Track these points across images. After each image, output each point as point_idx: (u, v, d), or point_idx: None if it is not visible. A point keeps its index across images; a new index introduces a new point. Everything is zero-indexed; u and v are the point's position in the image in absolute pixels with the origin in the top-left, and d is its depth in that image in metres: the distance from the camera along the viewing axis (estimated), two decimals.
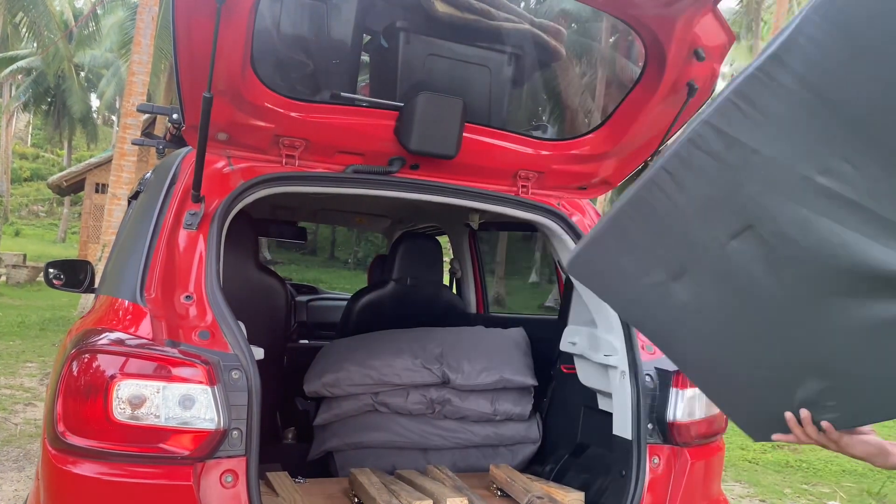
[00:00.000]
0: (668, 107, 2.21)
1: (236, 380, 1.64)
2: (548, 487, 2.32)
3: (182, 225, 1.95)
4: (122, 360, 1.57)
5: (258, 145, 2.15)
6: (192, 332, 1.71)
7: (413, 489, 2.21)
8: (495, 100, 2.44)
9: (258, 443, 1.65)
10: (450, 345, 2.87)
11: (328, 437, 2.80)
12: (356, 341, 2.95)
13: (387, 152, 2.25)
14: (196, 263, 1.88)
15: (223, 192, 2.03)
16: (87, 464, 1.56)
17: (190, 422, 1.57)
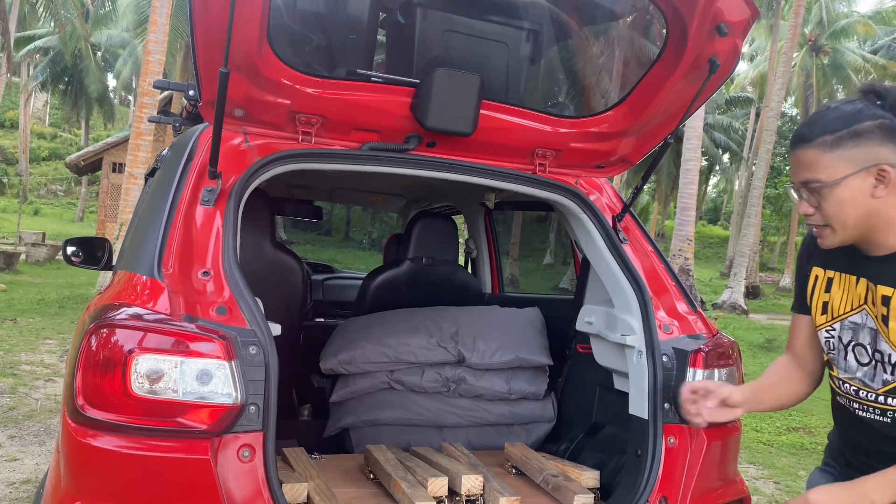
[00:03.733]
0: (689, 83, 2.17)
1: (254, 355, 1.65)
2: (563, 466, 2.32)
3: (199, 201, 1.95)
4: (140, 335, 1.58)
5: (274, 122, 2.15)
6: (209, 307, 1.71)
7: (428, 466, 2.22)
8: (513, 76, 2.41)
9: (275, 418, 1.66)
10: (465, 324, 2.87)
11: (344, 413, 2.82)
12: (372, 319, 2.96)
13: (403, 129, 2.23)
14: (213, 239, 1.88)
15: (240, 168, 2.03)
16: (106, 437, 1.57)
17: (207, 396, 1.58)
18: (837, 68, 31.46)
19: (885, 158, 1.45)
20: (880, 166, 1.45)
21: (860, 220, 1.49)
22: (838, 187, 1.48)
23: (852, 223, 1.49)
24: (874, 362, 1.55)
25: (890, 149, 1.46)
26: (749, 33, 2.12)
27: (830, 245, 1.56)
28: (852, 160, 1.46)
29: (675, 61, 2.10)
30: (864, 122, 1.47)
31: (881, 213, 1.48)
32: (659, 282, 2.33)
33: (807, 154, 1.51)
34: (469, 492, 2.05)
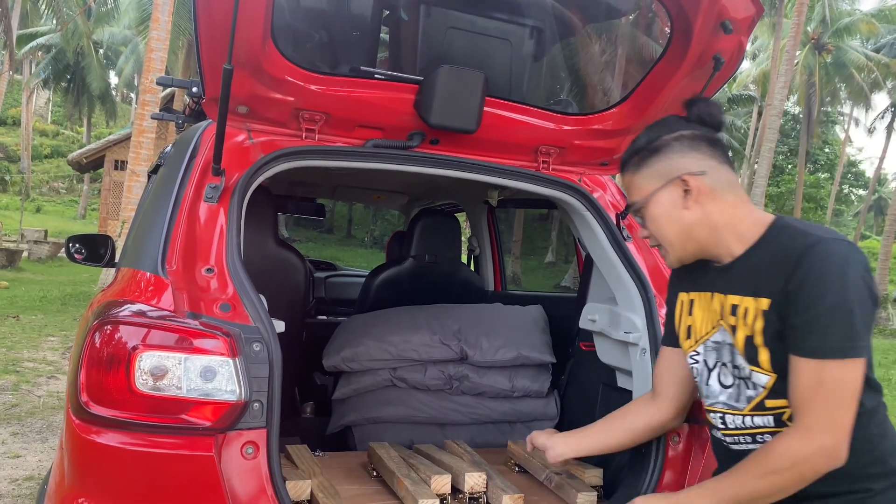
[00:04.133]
0: (693, 81, 2.17)
1: (257, 352, 1.65)
2: (566, 464, 2.32)
3: (203, 198, 1.95)
4: (143, 332, 1.58)
5: (278, 119, 2.14)
6: (213, 304, 1.71)
7: (431, 463, 2.22)
8: (516, 74, 2.41)
9: (279, 415, 1.66)
10: (468, 321, 2.87)
11: (347, 411, 2.82)
12: (375, 317, 2.96)
13: (406, 126, 2.23)
14: (217, 236, 1.88)
15: (243, 165, 2.03)
16: (110, 433, 1.57)
17: (211, 393, 1.58)
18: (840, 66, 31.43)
19: (685, 168, 1.46)
20: (682, 176, 1.45)
21: (682, 234, 1.48)
22: (650, 205, 1.50)
23: (676, 238, 1.50)
24: (737, 381, 1.49)
25: (691, 158, 1.47)
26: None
27: (672, 264, 1.56)
28: (656, 176, 1.49)
29: (679, 58, 2.09)
30: (662, 137, 1.50)
31: (704, 223, 1.47)
32: (663, 279, 2.32)
33: (625, 178, 1.57)
34: (472, 489, 2.05)
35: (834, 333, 1.30)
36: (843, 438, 1.32)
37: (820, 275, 1.30)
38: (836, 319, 1.29)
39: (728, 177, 1.49)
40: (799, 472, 1.34)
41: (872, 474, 1.37)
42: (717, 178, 1.47)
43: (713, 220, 1.46)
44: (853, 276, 1.30)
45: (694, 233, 1.48)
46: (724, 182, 1.47)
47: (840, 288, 1.29)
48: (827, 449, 1.32)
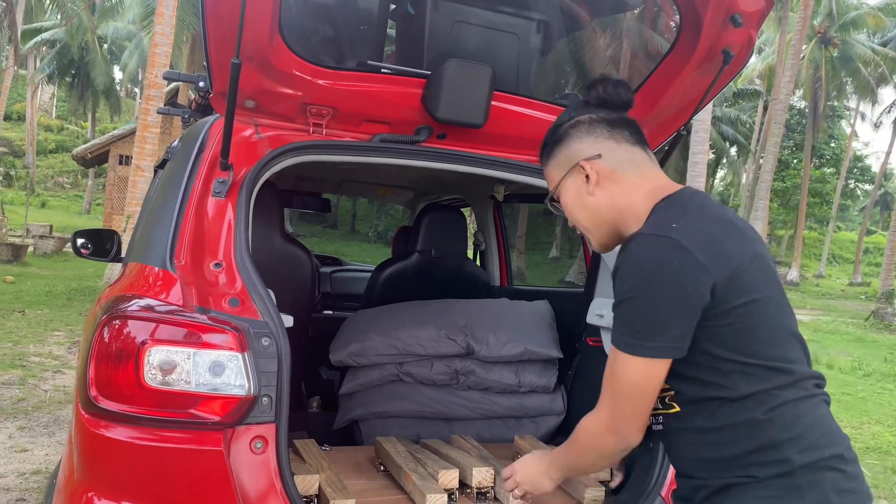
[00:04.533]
0: (702, 75, 2.16)
1: (266, 347, 1.65)
2: None
3: (210, 193, 1.94)
4: (152, 326, 1.58)
5: (285, 113, 2.14)
6: (221, 299, 1.71)
7: (439, 458, 2.22)
8: (523, 68, 2.40)
9: (288, 410, 1.66)
10: (474, 316, 2.86)
11: (353, 405, 2.82)
12: (381, 312, 2.96)
13: (414, 121, 2.23)
14: (225, 231, 1.88)
15: (251, 160, 2.03)
16: (119, 428, 1.57)
17: (220, 388, 1.58)
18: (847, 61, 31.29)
19: (582, 154, 1.45)
20: (579, 163, 1.45)
21: (593, 219, 1.48)
22: (560, 195, 1.52)
23: (590, 224, 1.49)
24: None
25: (587, 143, 1.46)
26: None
27: (597, 249, 1.57)
28: (560, 165, 1.50)
29: (688, 52, 2.08)
30: (562, 125, 1.50)
31: (610, 205, 1.45)
32: None
33: (543, 172, 1.58)
34: (480, 484, 2.05)
35: (622, 327, 1.31)
36: (629, 425, 1.35)
37: (622, 269, 1.31)
38: (626, 314, 1.31)
39: (629, 156, 1.45)
40: (596, 448, 1.42)
41: (759, 462, 1.31)
42: (615, 159, 1.44)
43: (617, 202, 1.44)
44: (643, 273, 1.29)
45: (603, 216, 1.47)
46: (624, 162, 1.44)
47: (633, 284, 1.29)
48: (611, 428, 1.36)
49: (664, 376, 1.32)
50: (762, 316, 1.31)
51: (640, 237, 1.32)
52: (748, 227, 1.43)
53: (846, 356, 12.11)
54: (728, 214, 1.41)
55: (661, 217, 1.35)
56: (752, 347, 1.31)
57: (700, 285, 1.26)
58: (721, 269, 1.27)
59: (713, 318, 1.28)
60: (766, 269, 1.36)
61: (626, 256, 1.32)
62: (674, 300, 1.26)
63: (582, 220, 1.50)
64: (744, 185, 35.01)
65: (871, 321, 18.74)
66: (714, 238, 1.31)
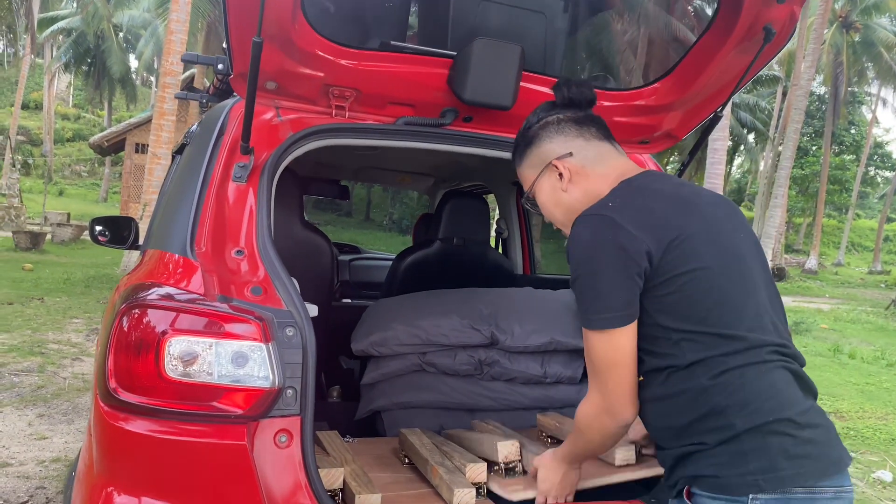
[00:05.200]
0: (742, 53, 2.06)
1: (290, 337, 1.59)
2: None
3: (231, 178, 1.88)
4: (172, 316, 1.52)
5: (308, 95, 2.07)
6: (244, 287, 1.65)
7: (465, 451, 2.16)
8: (552, 47, 2.31)
9: (313, 402, 1.60)
10: (499, 305, 2.79)
11: (375, 396, 2.76)
12: (403, 301, 2.89)
13: (439, 103, 2.15)
14: (246, 217, 1.82)
15: (272, 144, 1.96)
16: (139, 420, 1.52)
17: (243, 380, 1.52)
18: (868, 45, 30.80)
19: (553, 153, 1.54)
20: (551, 162, 1.53)
21: (569, 215, 1.53)
22: (535, 194, 1.60)
23: (566, 220, 1.55)
24: None
25: (558, 142, 1.54)
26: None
27: None
28: (533, 166, 1.59)
29: (727, 29, 1.99)
30: (532, 127, 1.60)
31: (584, 200, 1.50)
32: None
33: (517, 172, 1.67)
34: (507, 459, 1.97)
35: (579, 305, 1.40)
36: (617, 401, 1.41)
37: (569, 249, 1.41)
38: (578, 292, 1.39)
39: (597, 151, 1.54)
40: (597, 431, 1.49)
41: (707, 428, 1.34)
42: (585, 156, 1.52)
43: (590, 195, 1.50)
44: (583, 249, 1.38)
45: (577, 211, 1.49)
46: (592, 157, 1.53)
47: (578, 262, 1.39)
48: (602, 408, 1.44)
49: (631, 345, 1.39)
50: (708, 283, 1.36)
51: (580, 218, 1.42)
52: (710, 202, 1.47)
53: (868, 346, 11.93)
54: (681, 191, 1.47)
55: (605, 198, 1.45)
56: (699, 315, 1.35)
57: (634, 254, 1.34)
58: (656, 238, 1.35)
59: (658, 287, 1.36)
60: (720, 240, 1.41)
61: (571, 237, 1.43)
62: (611, 271, 1.35)
63: (558, 216, 1.58)
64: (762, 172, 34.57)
65: (891, 310, 18.48)
66: (650, 211, 1.39)
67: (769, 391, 1.34)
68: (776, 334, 1.42)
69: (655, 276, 1.35)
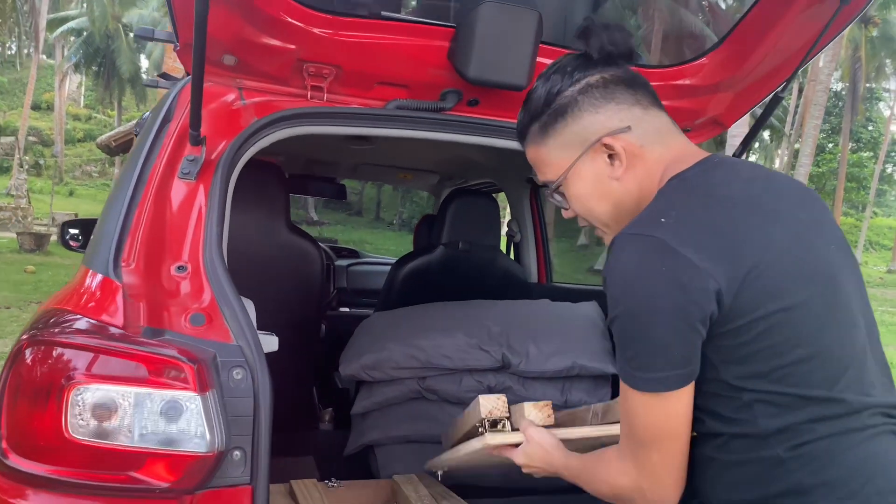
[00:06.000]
0: (809, 20, 1.67)
1: (238, 381, 1.22)
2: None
3: (177, 174, 1.51)
4: (79, 356, 1.16)
5: (277, 73, 1.70)
6: (182, 315, 1.28)
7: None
8: (574, 15, 1.93)
9: (268, 466, 1.23)
10: (511, 322, 2.42)
11: (368, 428, 2.39)
12: (400, 316, 2.53)
13: (439, 83, 1.78)
14: (193, 223, 1.45)
15: (231, 131, 1.59)
16: (38, 494, 1.15)
17: (173, 441, 1.15)
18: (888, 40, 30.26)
19: (603, 127, 1.12)
20: (603, 140, 1.12)
21: (618, 211, 1.16)
22: (570, 182, 1.17)
23: (610, 218, 1.17)
24: None
25: (609, 112, 1.12)
26: None
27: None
28: (569, 146, 1.15)
29: None
30: (564, 92, 1.14)
31: (639, 193, 1.13)
32: None
33: (529, 152, 1.24)
34: (491, 415, 1.52)
35: (619, 351, 1.04)
36: (659, 481, 1.05)
37: (607, 279, 1.04)
38: (618, 336, 1.04)
39: (657, 125, 1.14)
40: (615, 497, 1.14)
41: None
42: (644, 132, 1.12)
43: (644, 186, 1.13)
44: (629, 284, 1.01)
45: (627, 207, 1.15)
46: (651, 134, 1.12)
47: (619, 298, 1.02)
48: (637, 487, 1.07)
49: (687, 411, 1.03)
50: (793, 329, 1.00)
51: (621, 239, 1.04)
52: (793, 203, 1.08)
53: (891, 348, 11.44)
54: (754, 191, 1.07)
55: (655, 206, 1.07)
56: (781, 371, 1.00)
57: (698, 296, 0.97)
58: (727, 270, 0.97)
59: (727, 335, 0.99)
60: (809, 262, 1.03)
61: (609, 263, 1.05)
62: (666, 317, 0.98)
63: (600, 213, 1.18)
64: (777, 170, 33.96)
65: None
66: (719, 229, 1.01)
67: (870, 467, 1.00)
68: (881, 389, 1.06)
69: (725, 322, 0.98)
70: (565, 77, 1.14)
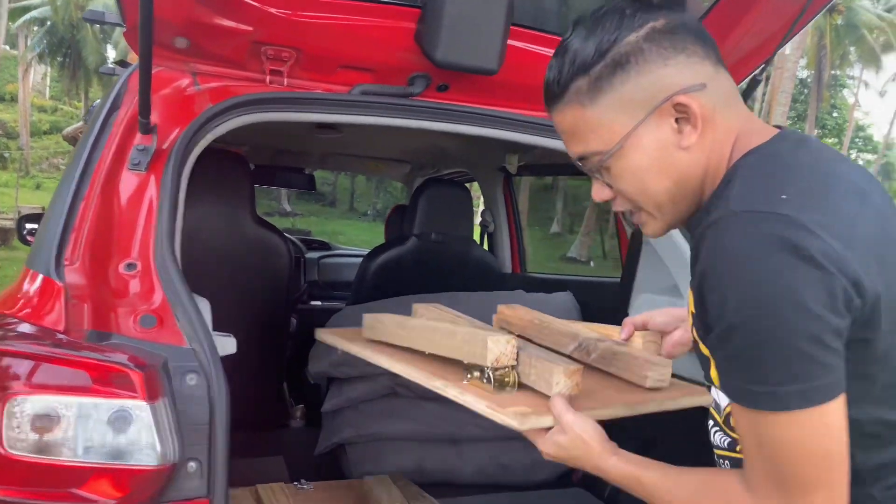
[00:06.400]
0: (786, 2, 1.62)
1: (192, 387, 1.13)
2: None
3: (126, 165, 1.42)
4: (16, 364, 1.07)
5: (232, 57, 1.61)
6: (130, 317, 1.20)
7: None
8: None
9: (226, 478, 1.15)
10: (487, 313, 2.35)
11: (339, 426, 2.32)
12: (372, 310, 2.45)
13: (406, 67, 1.70)
14: (143, 218, 1.36)
15: (184, 119, 1.49)
16: None
17: (121, 454, 1.07)
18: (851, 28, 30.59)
19: (674, 83, 0.89)
20: (674, 99, 0.88)
21: (677, 189, 0.93)
22: (626, 153, 0.92)
23: (667, 198, 0.93)
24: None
25: (678, 66, 0.89)
26: None
27: (656, 233, 1.00)
28: (630, 105, 0.90)
29: None
30: (626, 37, 0.89)
31: (705, 168, 0.91)
32: None
33: (565, 117, 0.95)
34: (499, 362, 1.18)
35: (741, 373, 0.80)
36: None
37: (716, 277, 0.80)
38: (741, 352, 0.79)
39: (726, 85, 0.93)
40: None
41: None
42: (717, 94, 0.91)
43: (711, 160, 0.92)
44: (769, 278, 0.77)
45: (690, 185, 0.93)
46: (723, 96, 0.91)
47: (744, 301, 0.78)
48: None
49: (844, 420, 0.80)
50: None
51: (730, 220, 0.80)
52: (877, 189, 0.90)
53: None
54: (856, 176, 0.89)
55: (757, 182, 0.84)
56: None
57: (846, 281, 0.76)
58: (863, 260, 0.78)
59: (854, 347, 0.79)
60: None
61: (718, 254, 0.80)
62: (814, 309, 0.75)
63: (657, 194, 0.93)
64: None
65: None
66: (847, 214, 0.82)
67: None
68: None
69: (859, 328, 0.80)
70: (624, 20, 0.90)
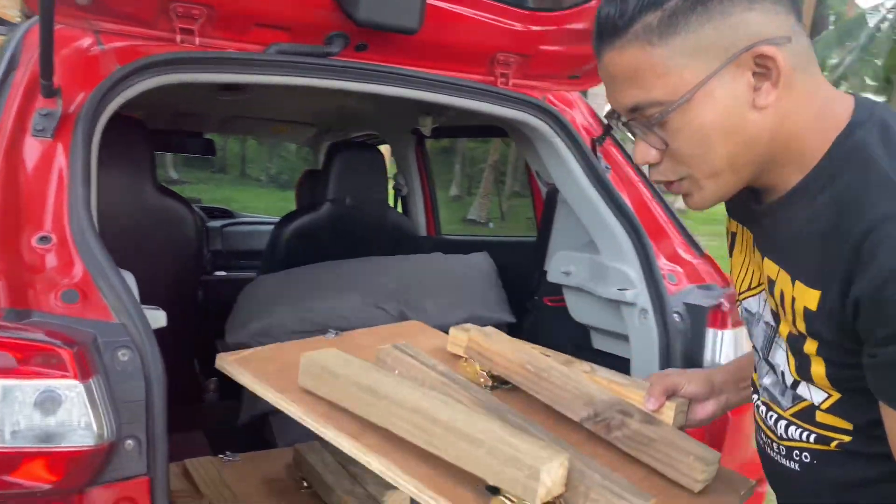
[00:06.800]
0: None
1: (125, 363, 1.09)
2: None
3: (29, 131, 1.31)
4: None
5: (139, 14, 1.51)
6: (50, 293, 1.12)
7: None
8: None
9: (166, 453, 1.11)
10: (406, 277, 2.36)
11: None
12: (288, 278, 2.40)
13: (323, 25, 1.65)
14: (54, 188, 1.27)
15: (90, 82, 1.40)
16: None
17: (52, 437, 1.01)
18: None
19: (759, 32, 0.76)
20: (756, 49, 0.75)
21: (740, 155, 0.80)
22: (694, 106, 0.77)
23: (725, 164, 0.80)
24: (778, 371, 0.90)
25: (764, 13, 0.76)
26: None
27: (703, 206, 0.86)
28: (706, 50, 0.76)
29: None
30: None
31: (777, 134, 0.79)
32: (652, 219, 1.89)
33: (622, 57, 0.79)
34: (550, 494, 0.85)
35: None
36: None
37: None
38: None
39: (806, 44, 0.80)
40: None
41: None
42: (798, 51, 0.78)
43: (786, 126, 0.79)
44: None
45: (757, 152, 0.80)
46: (804, 56, 0.79)
47: None
48: None
49: None
50: None
51: None
52: None
53: None
54: None
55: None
56: None
57: None
58: None
59: None
60: None
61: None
62: None
63: (717, 158, 0.80)
64: None
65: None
66: None
67: None
68: None
69: None
70: None
